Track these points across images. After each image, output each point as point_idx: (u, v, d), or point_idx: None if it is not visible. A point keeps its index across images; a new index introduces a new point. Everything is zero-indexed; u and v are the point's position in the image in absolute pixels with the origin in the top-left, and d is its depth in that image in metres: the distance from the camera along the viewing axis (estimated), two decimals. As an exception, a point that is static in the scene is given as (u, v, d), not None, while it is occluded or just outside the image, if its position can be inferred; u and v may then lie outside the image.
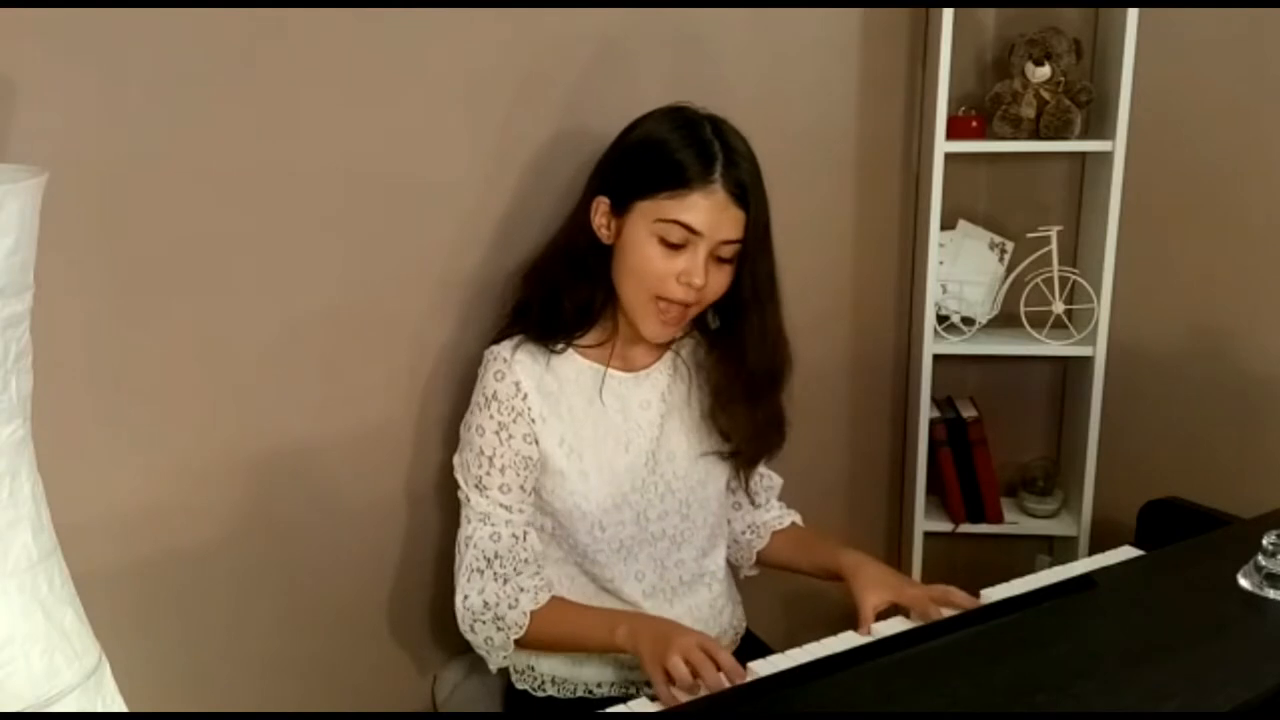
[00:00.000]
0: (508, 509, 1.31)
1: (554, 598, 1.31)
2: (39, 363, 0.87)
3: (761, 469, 1.52)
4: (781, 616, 1.91)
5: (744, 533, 1.52)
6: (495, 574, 1.30)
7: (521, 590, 1.29)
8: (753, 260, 1.29)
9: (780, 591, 1.81)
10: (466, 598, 1.31)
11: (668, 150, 1.25)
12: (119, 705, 0.93)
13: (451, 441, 1.51)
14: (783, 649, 1.21)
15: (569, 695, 1.41)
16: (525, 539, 1.32)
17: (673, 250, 1.25)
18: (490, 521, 1.31)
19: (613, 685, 1.40)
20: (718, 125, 1.28)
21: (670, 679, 1.14)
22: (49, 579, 0.87)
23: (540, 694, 1.41)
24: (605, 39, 1.52)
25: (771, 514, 1.53)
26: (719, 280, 1.29)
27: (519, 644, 1.30)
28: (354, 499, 1.46)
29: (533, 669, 1.42)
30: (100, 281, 1.21)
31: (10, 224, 0.79)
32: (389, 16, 1.33)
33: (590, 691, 1.40)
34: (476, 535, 1.31)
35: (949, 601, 1.27)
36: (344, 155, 1.35)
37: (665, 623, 1.26)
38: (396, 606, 1.54)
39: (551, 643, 1.32)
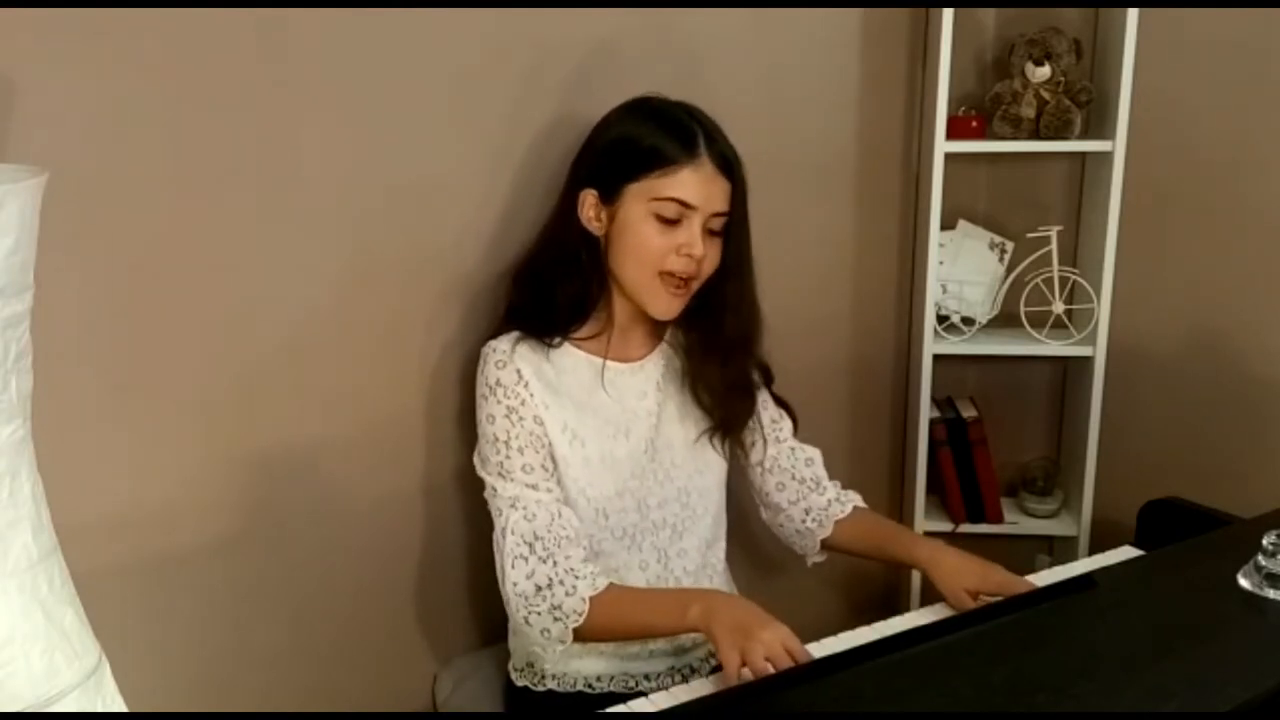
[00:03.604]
0: (534, 488, 1.30)
1: (611, 583, 1.27)
2: (39, 363, 0.87)
3: (793, 443, 1.51)
4: (781, 617, 1.91)
5: (804, 520, 1.49)
6: (540, 556, 1.26)
7: (577, 576, 1.25)
8: (736, 231, 1.34)
9: (779, 592, 1.81)
10: (516, 584, 1.26)
11: (649, 136, 1.30)
12: (119, 705, 0.93)
13: (455, 443, 1.51)
14: (782, 649, 1.21)
15: (568, 689, 1.41)
16: (561, 515, 1.30)
17: (669, 226, 1.30)
18: (521, 504, 1.29)
19: (612, 679, 1.40)
20: (688, 108, 1.33)
21: (742, 662, 1.13)
22: (49, 579, 0.87)
23: (540, 689, 1.41)
24: (602, 39, 1.52)
25: (828, 496, 1.50)
26: (714, 253, 1.33)
27: (577, 634, 1.25)
28: (353, 500, 1.46)
29: (531, 667, 1.42)
30: (100, 281, 1.21)
31: (10, 224, 0.79)
32: (386, 17, 1.33)
33: (590, 686, 1.40)
34: (511, 521, 1.28)
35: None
36: (342, 153, 1.35)
37: (744, 607, 1.21)
38: (397, 606, 1.55)
39: (614, 630, 1.27)
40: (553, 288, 1.36)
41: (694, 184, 1.28)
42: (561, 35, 1.49)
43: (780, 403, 1.51)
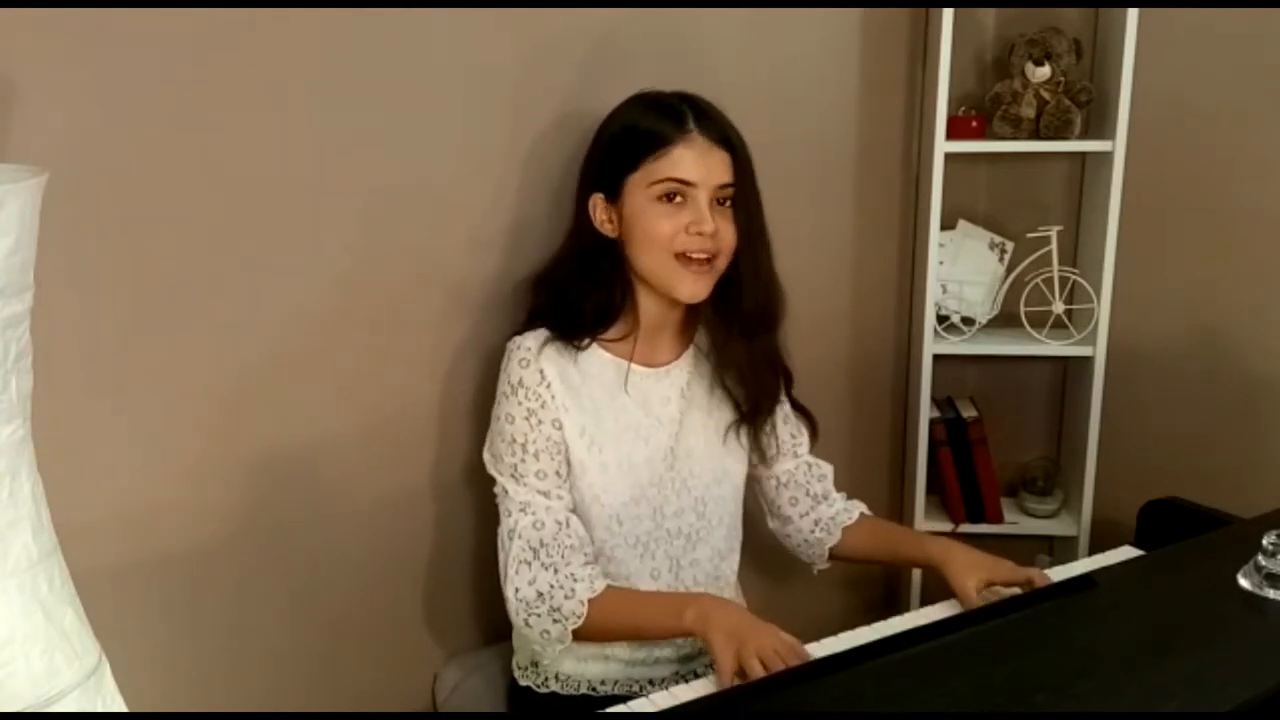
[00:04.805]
0: (546, 495, 1.30)
1: (609, 585, 1.28)
2: (39, 363, 0.87)
3: (809, 459, 1.52)
4: (783, 617, 1.91)
5: (813, 530, 1.50)
6: (544, 563, 1.27)
7: (576, 579, 1.26)
8: (745, 201, 1.32)
9: (778, 595, 1.81)
10: (518, 590, 1.28)
11: (637, 123, 1.31)
12: (119, 705, 0.93)
13: (462, 443, 1.51)
14: (782, 650, 1.21)
15: (572, 692, 1.41)
16: (569, 525, 1.30)
17: (674, 207, 1.29)
18: (531, 510, 1.29)
19: (616, 683, 1.40)
20: (683, 94, 1.33)
21: (738, 669, 1.14)
22: (49, 579, 0.87)
23: (543, 690, 1.41)
24: (604, 38, 1.53)
25: (836, 507, 1.51)
26: (727, 226, 1.31)
27: (576, 635, 1.26)
28: (354, 499, 1.46)
29: (536, 666, 1.42)
30: (101, 281, 1.21)
31: (10, 224, 0.79)
32: (389, 17, 1.33)
33: (593, 689, 1.41)
34: (520, 526, 1.29)
35: (1035, 582, 1.32)
36: (345, 152, 1.35)
37: (738, 612, 1.24)
38: (397, 606, 1.55)
39: (611, 631, 1.29)
40: (577, 297, 1.35)
41: (689, 159, 1.27)
42: (561, 36, 1.49)
43: (800, 411, 1.50)
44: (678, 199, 1.29)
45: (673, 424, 1.39)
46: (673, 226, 1.29)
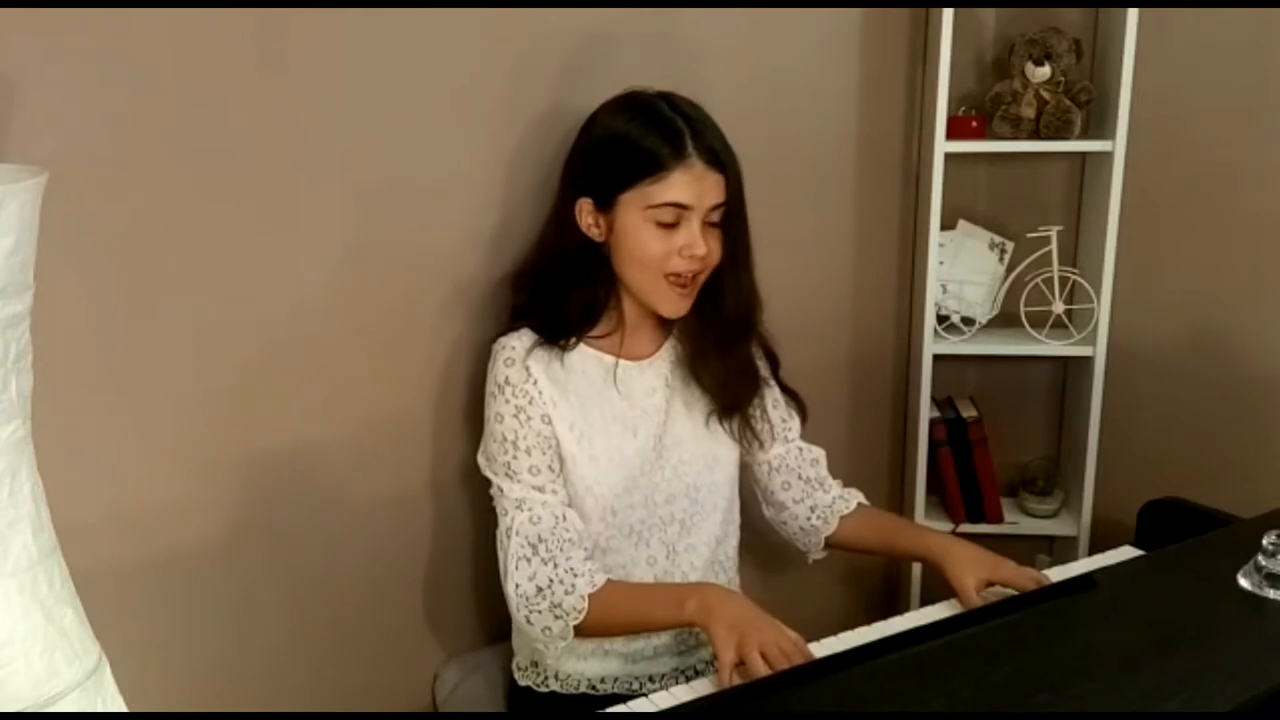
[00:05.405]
0: (540, 490, 1.31)
1: (609, 579, 1.28)
2: (39, 363, 0.87)
3: (800, 443, 1.52)
4: (782, 615, 1.91)
5: (809, 518, 1.50)
6: (543, 558, 1.28)
7: (576, 574, 1.26)
8: (733, 219, 1.33)
9: (778, 592, 1.81)
10: (518, 586, 1.28)
11: (634, 140, 1.29)
12: (119, 705, 0.93)
13: (459, 442, 1.51)
14: (782, 649, 1.21)
15: (572, 691, 1.41)
16: (566, 519, 1.31)
17: (668, 229, 1.29)
18: (527, 506, 1.30)
19: (616, 680, 1.41)
20: (672, 101, 1.32)
21: (738, 661, 1.14)
22: (49, 579, 0.87)
23: (543, 689, 1.41)
24: (602, 38, 1.52)
25: (833, 494, 1.51)
26: (715, 244, 1.33)
27: (578, 631, 1.26)
28: (354, 499, 1.46)
29: (536, 666, 1.42)
30: (101, 281, 1.21)
31: (10, 224, 0.80)
32: (391, 17, 1.33)
33: (594, 687, 1.41)
34: (517, 523, 1.29)
35: (1037, 582, 1.33)
36: (343, 151, 1.35)
37: (740, 604, 1.22)
38: (397, 606, 1.54)
39: (613, 625, 1.29)
40: (561, 295, 1.36)
41: (685, 184, 1.28)
42: (557, 34, 1.49)
43: (789, 394, 1.51)
44: (672, 222, 1.29)
45: (659, 413, 1.40)
46: (666, 249, 1.30)
